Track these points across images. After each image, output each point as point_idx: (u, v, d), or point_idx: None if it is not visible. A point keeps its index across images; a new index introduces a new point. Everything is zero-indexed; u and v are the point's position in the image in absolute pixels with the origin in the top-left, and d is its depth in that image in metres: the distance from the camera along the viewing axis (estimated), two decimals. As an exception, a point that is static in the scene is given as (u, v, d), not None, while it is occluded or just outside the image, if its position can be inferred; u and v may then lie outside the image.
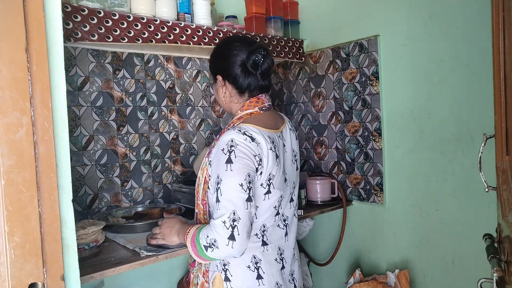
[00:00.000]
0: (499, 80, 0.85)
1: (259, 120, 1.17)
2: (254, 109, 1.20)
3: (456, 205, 1.62)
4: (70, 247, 0.90)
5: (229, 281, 1.13)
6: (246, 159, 1.05)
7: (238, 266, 1.13)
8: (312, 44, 2.19)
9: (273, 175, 1.12)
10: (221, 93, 1.26)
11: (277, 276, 1.18)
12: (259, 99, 1.22)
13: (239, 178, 1.03)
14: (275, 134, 1.19)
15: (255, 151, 1.07)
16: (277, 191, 1.15)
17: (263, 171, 1.10)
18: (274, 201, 1.15)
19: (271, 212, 1.16)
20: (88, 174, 1.74)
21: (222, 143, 1.08)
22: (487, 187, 0.92)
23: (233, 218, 1.01)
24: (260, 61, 1.19)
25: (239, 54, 1.21)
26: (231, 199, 1.03)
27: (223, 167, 1.05)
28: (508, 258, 0.72)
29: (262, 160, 1.09)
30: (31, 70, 0.81)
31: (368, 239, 1.97)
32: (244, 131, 1.08)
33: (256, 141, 1.08)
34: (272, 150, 1.12)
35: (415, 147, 1.75)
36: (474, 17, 1.51)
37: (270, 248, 1.17)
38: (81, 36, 1.37)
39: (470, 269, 1.59)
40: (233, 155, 1.04)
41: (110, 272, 1.18)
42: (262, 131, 1.13)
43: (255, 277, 1.13)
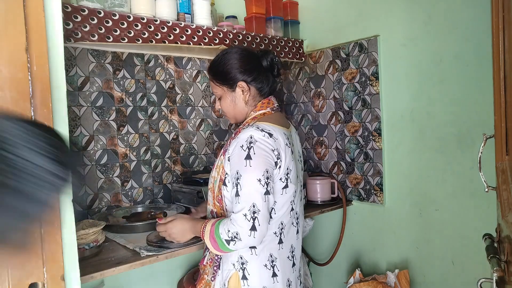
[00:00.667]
0: (499, 80, 0.85)
1: (273, 119, 1.23)
2: (267, 110, 1.26)
3: (456, 205, 1.62)
4: (70, 247, 0.90)
5: (246, 279, 1.16)
6: (265, 155, 1.10)
7: (256, 265, 1.16)
8: (312, 44, 2.19)
9: (290, 170, 1.17)
10: (241, 100, 1.26)
11: (289, 273, 1.22)
12: (270, 100, 1.29)
13: (258, 173, 1.08)
14: (288, 132, 1.25)
15: (273, 146, 1.12)
16: (293, 186, 1.19)
17: (281, 165, 1.14)
18: (290, 195, 1.19)
19: (287, 207, 1.19)
20: (88, 174, 1.74)
21: (241, 140, 1.12)
22: (487, 187, 0.92)
23: (253, 211, 1.07)
24: (275, 59, 1.28)
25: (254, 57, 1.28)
26: (250, 192, 1.08)
27: (242, 163, 1.10)
28: (508, 258, 0.72)
29: (280, 154, 1.14)
30: (31, 70, 0.81)
31: (368, 239, 1.97)
32: (262, 128, 1.13)
33: (274, 136, 1.13)
34: (288, 145, 1.18)
35: (415, 147, 1.75)
36: (474, 17, 1.51)
37: (285, 246, 1.21)
38: (81, 36, 1.37)
39: (470, 269, 1.59)
40: (252, 151, 1.09)
41: (110, 272, 1.18)
42: (278, 128, 1.19)
43: (271, 275, 1.17)
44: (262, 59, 1.28)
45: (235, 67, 1.26)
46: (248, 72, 1.25)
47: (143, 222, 1.56)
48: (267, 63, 1.27)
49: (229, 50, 1.31)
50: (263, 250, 1.17)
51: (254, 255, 1.17)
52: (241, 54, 1.27)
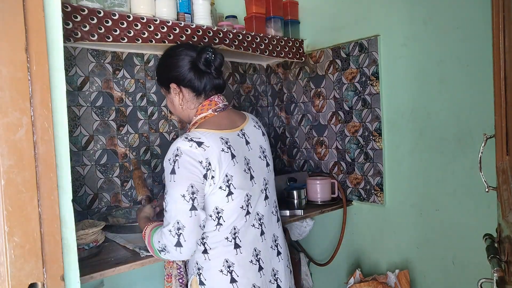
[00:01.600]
0: (499, 80, 0.85)
1: (212, 123, 1.17)
2: (208, 112, 1.20)
3: (456, 205, 1.62)
4: (70, 247, 0.90)
5: (203, 285, 1.15)
6: (189, 168, 1.06)
7: (210, 270, 1.14)
8: (312, 44, 2.19)
9: (231, 176, 1.11)
10: (177, 102, 1.25)
11: (254, 278, 1.16)
12: (212, 101, 1.22)
13: (181, 189, 1.05)
14: (232, 134, 1.18)
15: (201, 156, 1.07)
16: (240, 191, 1.13)
17: (215, 175, 1.09)
18: (239, 201, 1.14)
19: (238, 213, 1.14)
20: (88, 174, 1.73)
21: (169, 152, 1.09)
22: (487, 187, 0.92)
23: (178, 227, 1.05)
24: (212, 58, 1.20)
25: (188, 57, 1.21)
26: (175, 209, 1.06)
27: (168, 177, 1.08)
28: (508, 258, 0.72)
29: (212, 164, 1.08)
30: (31, 70, 0.81)
31: (368, 239, 1.97)
32: (191, 137, 1.09)
33: (204, 145, 1.08)
34: (225, 151, 1.11)
35: (415, 147, 1.75)
36: (474, 17, 1.51)
37: (244, 250, 1.15)
38: (81, 36, 1.37)
39: (470, 269, 1.59)
40: (176, 165, 1.06)
41: (110, 272, 1.18)
42: (214, 133, 1.13)
43: (228, 280, 1.13)
44: (197, 59, 1.20)
45: (166, 67, 1.25)
46: (177, 73, 1.21)
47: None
48: (201, 64, 1.20)
49: (167, 49, 1.28)
50: (217, 255, 1.14)
51: (207, 260, 1.14)
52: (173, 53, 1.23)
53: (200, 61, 1.20)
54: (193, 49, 1.23)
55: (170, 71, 1.23)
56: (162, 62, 1.28)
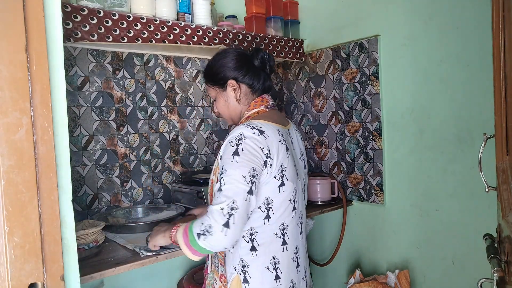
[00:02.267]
0: (499, 80, 0.85)
1: (266, 116, 1.22)
2: (260, 108, 1.26)
3: (456, 205, 1.62)
4: (70, 247, 0.90)
5: (247, 283, 1.13)
6: (253, 153, 1.07)
7: (257, 268, 1.14)
8: (312, 44, 2.19)
9: (285, 167, 1.14)
10: (232, 98, 1.28)
11: (293, 274, 1.19)
12: (264, 98, 1.28)
13: (244, 170, 1.05)
14: (284, 130, 1.24)
15: (263, 144, 1.10)
16: (290, 183, 1.16)
17: (273, 163, 1.11)
18: (288, 193, 1.16)
19: (286, 206, 1.16)
20: (88, 174, 1.73)
21: (231, 137, 1.11)
22: (487, 187, 0.92)
23: (232, 207, 1.01)
24: (267, 57, 1.28)
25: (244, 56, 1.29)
26: (233, 188, 1.04)
27: (229, 158, 1.07)
28: (508, 258, 0.72)
29: (271, 152, 1.11)
30: (31, 70, 0.81)
31: (368, 239, 1.97)
32: (253, 125, 1.12)
33: (265, 134, 1.11)
34: (282, 142, 1.15)
35: (415, 147, 1.75)
36: (474, 17, 1.51)
37: (289, 247, 1.18)
38: (81, 36, 1.37)
39: (470, 269, 1.59)
40: (241, 147, 1.07)
41: (110, 272, 1.18)
42: (272, 125, 1.18)
43: (273, 277, 1.14)
44: (253, 57, 1.29)
45: (224, 67, 1.28)
46: (237, 70, 1.27)
47: (143, 222, 1.56)
48: (258, 61, 1.28)
49: (220, 52, 1.34)
50: (265, 252, 1.15)
51: (255, 257, 1.14)
52: (230, 54, 1.29)
53: (257, 59, 1.28)
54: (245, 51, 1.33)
55: (229, 68, 1.27)
56: (217, 62, 1.31)
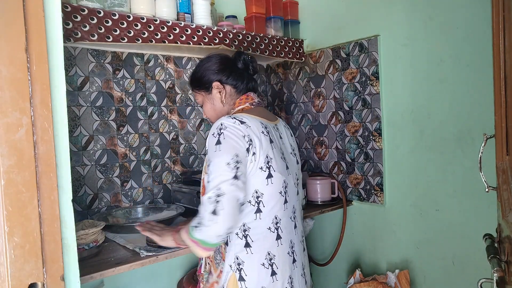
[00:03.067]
0: (499, 80, 0.85)
1: (251, 111, 1.26)
2: (245, 105, 1.29)
3: (456, 205, 1.62)
4: (70, 247, 0.90)
5: (243, 281, 1.13)
6: (235, 140, 1.09)
7: (252, 265, 1.13)
8: (312, 44, 2.19)
9: (271, 158, 1.15)
10: (218, 99, 1.32)
11: (290, 270, 1.18)
12: (248, 96, 1.32)
13: (227, 157, 1.06)
14: (270, 124, 1.25)
15: (244, 132, 1.12)
16: (279, 175, 1.16)
17: (256, 152, 1.11)
18: (278, 185, 1.16)
19: (277, 199, 1.16)
20: (88, 174, 1.73)
21: (212, 128, 1.14)
22: (487, 187, 0.92)
23: (218, 194, 1.02)
24: (249, 59, 1.35)
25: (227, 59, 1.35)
26: (218, 177, 1.05)
27: (212, 148, 1.10)
28: (508, 258, 0.72)
29: (253, 140, 1.12)
30: (31, 70, 0.81)
31: (368, 239, 1.97)
32: (234, 116, 1.16)
33: (246, 124, 1.14)
34: (265, 134, 1.17)
35: (415, 147, 1.75)
36: (474, 17, 1.51)
37: (284, 241, 1.18)
38: (81, 36, 1.37)
39: (470, 269, 1.59)
40: (222, 137, 1.10)
41: (110, 272, 1.18)
42: (254, 117, 1.20)
43: (269, 273, 1.14)
44: (235, 60, 1.34)
45: (208, 70, 1.33)
46: (220, 73, 1.31)
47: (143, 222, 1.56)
48: (240, 63, 1.33)
49: (203, 58, 1.38)
50: (260, 248, 1.14)
51: (249, 254, 1.14)
52: (213, 58, 1.34)
53: (239, 61, 1.34)
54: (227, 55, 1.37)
55: (213, 72, 1.32)
56: (201, 67, 1.35)
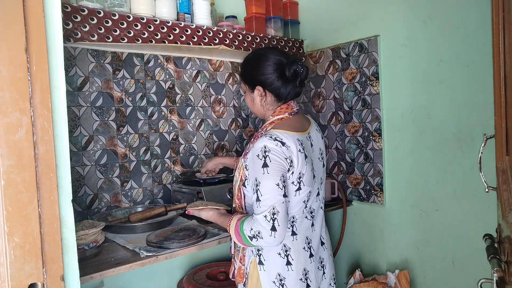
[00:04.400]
0: (499, 80, 0.85)
1: (288, 125, 1.28)
2: (285, 115, 1.31)
3: (456, 205, 1.62)
4: (69, 247, 0.90)
5: (262, 265, 1.26)
6: (280, 162, 1.18)
7: (270, 252, 1.26)
8: (312, 44, 2.19)
9: (303, 174, 1.23)
10: (258, 102, 1.34)
11: (305, 263, 1.29)
12: (289, 105, 1.33)
13: (276, 179, 1.17)
14: (304, 136, 1.29)
15: (286, 154, 1.19)
16: (306, 187, 1.26)
17: (294, 171, 1.21)
18: (303, 196, 1.26)
19: (300, 206, 1.27)
20: (87, 174, 1.73)
21: (256, 149, 1.20)
22: (487, 187, 0.92)
23: (273, 212, 1.15)
24: (300, 71, 1.29)
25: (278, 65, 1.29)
26: (270, 197, 1.16)
27: (260, 171, 1.18)
28: (508, 259, 0.72)
29: (293, 161, 1.20)
30: (30, 71, 0.81)
31: (368, 240, 1.97)
32: (275, 137, 1.19)
33: (286, 145, 1.19)
34: (301, 151, 1.23)
35: (415, 147, 1.75)
36: (474, 17, 1.51)
37: (299, 237, 1.28)
38: (81, 36, 1.37)
39: (470, 269, 1.59)
40: (268, 159, 1.17)
41: (110, 272, 1.18)
42: (292, 134, 1.24)
43: (284, 263, 1.25)
44: (286, 68, 1.28)
45: (257, 71, 1.31)
46: (267, 79, 1.29)
47: (143, 222, 1.56)
48: (289, 73, 1.28)
49: (259, 52, 1.34)
50: None
51: None
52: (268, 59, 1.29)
53: (289, 71, 1.28)
54: (284, 57, 1.30)
55: (260, 74, 1.30)
56: (253, 62, 1.34)
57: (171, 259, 1.32)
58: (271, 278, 1.25)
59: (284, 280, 1.25)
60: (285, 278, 1.25)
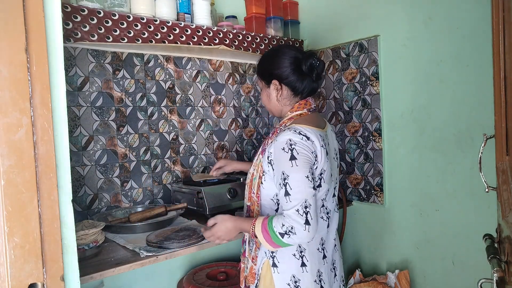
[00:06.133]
0: (499, 80, 0.85)
1: (309, 121, 1.26)
2: (303, 111, 1.30)
3: (456, 205, 1.62)
4: (69, 247, 0.90)
5: (276, 267, 1.23)
6: (307, 155, 1.16)
7: (284, 254, 1.22)
8: (312, 44, 2.19)
9: (324, 170, 1.22)
10: (274, 96, 1.33)
11: (319, 264, 1.26)
12: (307, 101, 1.32)
13: (305, 171, 1.14)
14: (323, 133, 1.28)
15: (311, 148, 1.17)
16: (325, 185, 1.24)
17: (318, 166, 1.20)
18: (322, 194, 1.24)
19: (318, 204, 1.24)
20: (88, 174, 1.73)
21: (280, 143, 1.17)
22: (487, 187, 0.92)
23: (305, 205, 1.12)
24: (316, 64, 1.28)
25: (294, 58, 1.29)
26: (301, 190, 1.13)
27: (287, 163, 1.14)
28: (508, 259, 0.72)
29: (317, 156, 1.19)
30: (31, 71, 0.81)
31: (368, 240, 1.97)
32: (299, 131, 1.17)
33: (311, 139, 1.18)
34: (324, 147, 1.21)
35: (415, 147, 1.75)
36: (474, 17, 1.51)
37: (314, 238, 1.24)
38: (80, 36, 1.37)
39: (470, 270, 1.59)
40: (295, 152, 1.14)
41: (110, 272, 1.18)
42: (314, 130, 1.22)
43: (299, 264, 1.22)
44: (302, 62, 1.28)
45: (272, 65, 1.31)
46: (283, 72, 1.29)
47: (143, 222, 1.56)
48: (305, 67, 1.28)
49: (275, 48, 1.36)
50: None
51: None
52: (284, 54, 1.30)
53: (305, 64, 1.27)
54: (300, 53, 1.31)
55: (275, 68, 1.30)
56: (269, 57, 1.34)
57: (171, 259, 1.32)
58: (286, 280, 1.22)
59: (299, 282, 1.21)
60: (300, 279, 1.21)
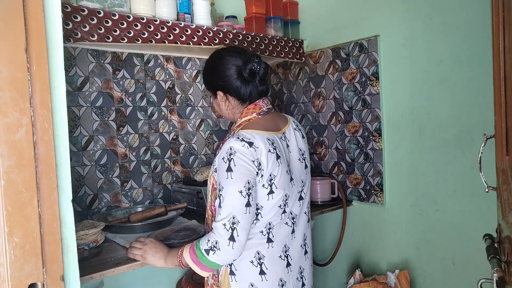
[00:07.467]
0: (499, 80, 0.85)
1: (257, 124, 1.21)
2: (252, 115, 1.25)
3: (456, 205, 1.62)
4: (69, 247, 0.90)
5: (233, 275, 1.18)
6: (245, 166, 1.10)
7: (241, 261, 1.17)
8: (312, 44, 2.19)
9: (274, 175, 1.16)
10: (224, 107, 1.30)
11: (281, 273, 1.21)
12: (256, 105, 1.26)
13: (239, 185, 1.09)
14: (276, 136, 1.22)
15: (253, 156, 1.11)
16: (280, 190, 1.17)
17: (263, 173, 1.14)
18: (278, 200, 1.18)
19: (276, 211, 1.19)
20: (88, 175, 1.73)
21: (222, 151, 1.14)
22: (487, 187, 0.92)
23: (233, 221, 1.08)
24: (257, 69, 1.23)
25: (234, 66, 1.24)
26: (231, 204, 1.09)
27: (224, 175, 1.11)
28: (508, 259, 0.72)
29: (262, 163, 1.13)
30: (31, 71, 0.81)
31: (368, 240, 1.97)
32: (242, 138, 1.13)
33: (254, 145, 1.12)
34: (271, 151, 1.16)
35: (415, 147, 1.75)
36: (474, 17, 1.51)
37: (275, 245, 1.20)
38: (80, 36, 1.37)
39: (470, 270, 1.59)
40: (233, 163, 1.10)
41: (109, 272, 1.18)
42: (261, 134, 1.17)
43: (257, 272, 1.17)
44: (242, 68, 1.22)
45: (214, 77, 1.28)
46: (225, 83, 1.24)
47: (143, 222, 1.56)
48: (247, 74, 1.22)
49: (214, 56, 1.30)
50: (249, 246, 1.17)
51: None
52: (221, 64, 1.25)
53: (245, 71, 1.22)
54: (239, 56, 1.24)
55: (217, 79, 1.26)
56: (209, 68, 1.31)
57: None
58: None
59: None
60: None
